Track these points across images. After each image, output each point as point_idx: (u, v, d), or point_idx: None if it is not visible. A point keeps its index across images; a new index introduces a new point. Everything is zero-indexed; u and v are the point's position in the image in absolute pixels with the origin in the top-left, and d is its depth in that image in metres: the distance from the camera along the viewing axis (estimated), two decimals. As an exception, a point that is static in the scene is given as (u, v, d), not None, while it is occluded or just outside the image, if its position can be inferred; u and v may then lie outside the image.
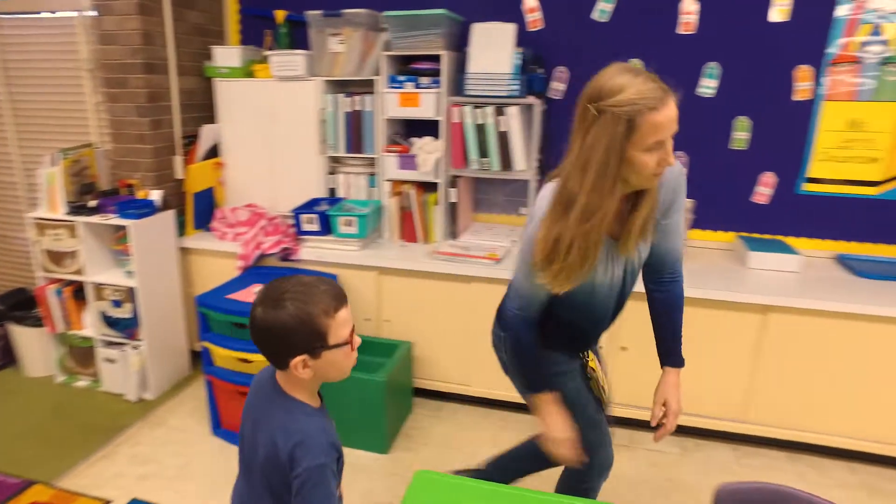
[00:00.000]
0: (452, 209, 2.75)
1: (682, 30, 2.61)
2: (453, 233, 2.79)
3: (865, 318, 2.20)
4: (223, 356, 2.39)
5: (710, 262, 2.61)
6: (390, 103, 2.66)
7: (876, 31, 2.43)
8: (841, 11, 2.44)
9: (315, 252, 2.69)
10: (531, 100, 2.55)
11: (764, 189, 2.70)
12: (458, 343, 2.63)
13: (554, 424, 1.47)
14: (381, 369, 2.37)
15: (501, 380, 2.61)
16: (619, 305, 1.52)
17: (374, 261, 2.59)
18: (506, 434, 2.59)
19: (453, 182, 2.73)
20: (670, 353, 1.56)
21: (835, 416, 2.35)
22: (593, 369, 1.58)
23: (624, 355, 2.48)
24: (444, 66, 2.55)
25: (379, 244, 2.80)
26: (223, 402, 2.50)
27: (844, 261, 2.59)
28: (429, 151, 2.65)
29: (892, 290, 2.29)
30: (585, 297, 1.40)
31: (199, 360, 2.55)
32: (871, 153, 2.54)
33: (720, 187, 2.73)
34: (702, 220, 2.79)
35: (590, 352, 1.61)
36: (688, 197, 2.75)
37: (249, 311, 1.12)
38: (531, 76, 2.56)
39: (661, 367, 1.59)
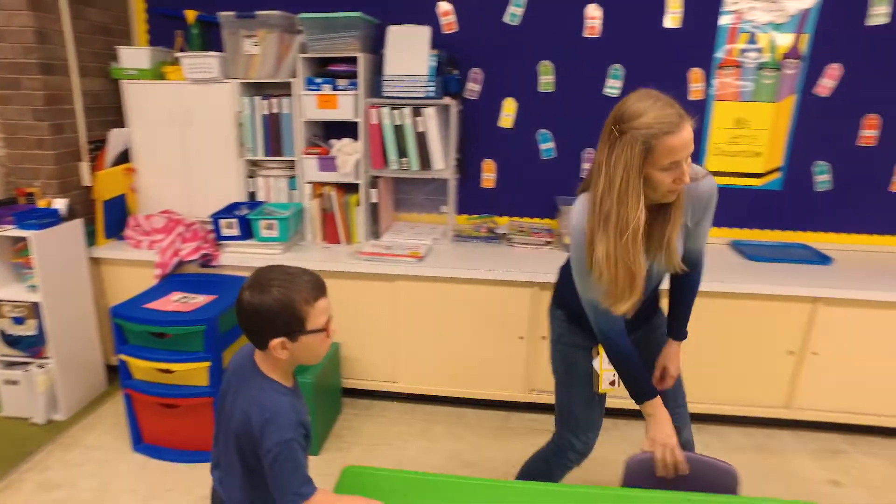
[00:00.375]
0: (374, 209, 2.78)
1: (587, 33, 2.76)
2: (375, 233, 2.82)
3: (757, 297, 2.43)
4: (142, 368, 2.31)
5: (620, 252, 2.79)
6: (308, 105, 2.65)
7: (752, 40, 2.68)
8: (724, 21, 2.67)
9: (237, 257, 2.64)
10: (447, 101, 2.62)
11: (665, 182, 2.91)
12: (384, 341, 2.66)
13: (663, 429, 1.51)
14: (308, 371, 2.37)
15: (428, 375, 2.70)
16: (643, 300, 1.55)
17: (297, 263, 2.50)
18: (435, 427, 2.66)
19: (374, 182, 2.76)
20: (677, 328, 1.70)
21: (732, 387, 2.58)
22: (598, 352, 1.66)
23: (544, 344, 2.59)
24: (361, 69, 2.58)
25: (301, 247, 2.78)
26: (144, 415, 2.41)
27: (738, 246, 2.84)
28: (348, 153, 2.66)
29: (778, 271, 2.54)
30: None
31: (117, 374, 2.44)
32: (754, 148, 2.80)
33: (627, 182, 2.92)
34: (612, 213, 2.96)
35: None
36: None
37: (237, 297, 1.20)
38: (447, 77, 2.64)
39: (667, 338, 1.73)
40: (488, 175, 2.97)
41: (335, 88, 2.61)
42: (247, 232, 2.66)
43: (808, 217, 2.90)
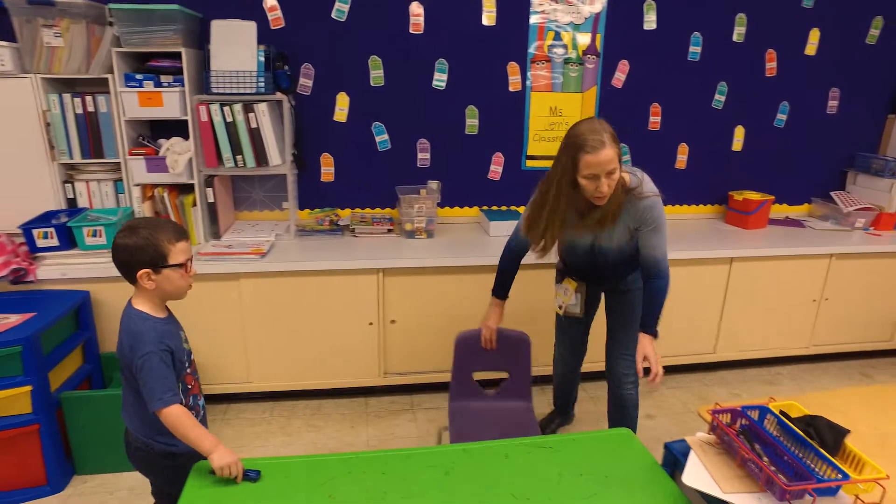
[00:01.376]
0: (211, 209, 2.70)
1: (412, 29, 2.90)
2: (216, 233, 2.74)
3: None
4: (-56, 403, 2.04)
5: (460, 235, 2.99)
6: (129, 103, 2.49)
7: (558, 37, 3.01)
8: (533, 20, 2.97)
9: (58, 269, 2.41)
10: (279, 96, 2.62)
11: (496, 167, 3.17)
12: (234, 342, 2.61)
13: (490, 318, 2.17)
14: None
15: (282, 371, 2.70)
16: (595, 265, 2.10)
17: (130, 270, 2.43)
18: (294, 422, 2.67)
19: (209, 182, 2.68)
20: (645, 324, 1.98)
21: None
22: (569, 286, 2.22)
23: (393, 328, 2.71)
24: (186, 64, 2.48)
25: (134, 253, 2.61)
26: (-48, 457, 2.13)
27: (560, 222, 3.17)
28: (179, 152, 2.55)
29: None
30: (568, 248, 2.12)
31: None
32: (567, 134, 3.16)
33: (462, 169, 3.13)
34: (450, 199, 3.16)
35: (581, 282, 2.20)
36: (436, 179, 3.11)
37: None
38: (277, 73, 2.63)
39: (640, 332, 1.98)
40: (327, 169, 3.02)
41: (158, 85, 2.48)
42: (68, 241, 2.45)
43: (615, 193, 3.32)
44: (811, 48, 3.34)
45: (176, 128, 2.62)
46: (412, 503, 1.37)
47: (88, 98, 2.50)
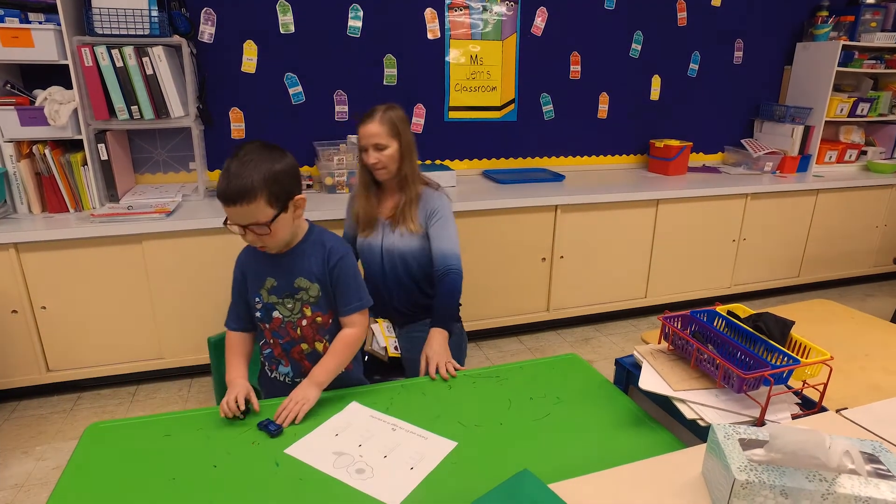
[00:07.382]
0: (106, 169, 2.39)
1: (322, -27, 2.72)
2: (113, 196, 2.44)
3: (511, 211, 2.70)
4: None
5: (385, 191, 2.84)
6: (-11, 45, 2.15)
7: (475, -22, 2.92)
8: (449, -39, 2.86)
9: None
10: (178, 40, 2.36)
11: (418, 120, 3.04)
12: (140, 314, 2.34)
13: None
14: (41, 360, 1.97)
15: (200, 343, 2.42)
16: (385, 275, 1.84)
17: (7, 237, 2.10)
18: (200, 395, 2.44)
19: (101, 137, 2.37)
20: (434, 320, 1.72)
21: (502, 300, 2.83)
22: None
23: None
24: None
25: (14, 219, 2.26)
26: None
27: (488, 174, 3.10)
28: (60, 101, 2.24)
29: (525, 189, 2.85)
30: (366, 250, 1.86)
31: None
32: (490, 83, 3.07)
33: (383, 123, 2.97)
34: (373, 156, 3.00)
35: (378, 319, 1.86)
36: (355, 133, 2.94)
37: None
38: (173, 13, 2.37)
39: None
40: (237, 125, 2.77)
41: (25, 22, 2.16)
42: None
43: (541, 144, 3.29)
44: (716, 0, 3.44)
45: (53, 75, 2.30)
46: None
47: (-59, 42, 2.14)
